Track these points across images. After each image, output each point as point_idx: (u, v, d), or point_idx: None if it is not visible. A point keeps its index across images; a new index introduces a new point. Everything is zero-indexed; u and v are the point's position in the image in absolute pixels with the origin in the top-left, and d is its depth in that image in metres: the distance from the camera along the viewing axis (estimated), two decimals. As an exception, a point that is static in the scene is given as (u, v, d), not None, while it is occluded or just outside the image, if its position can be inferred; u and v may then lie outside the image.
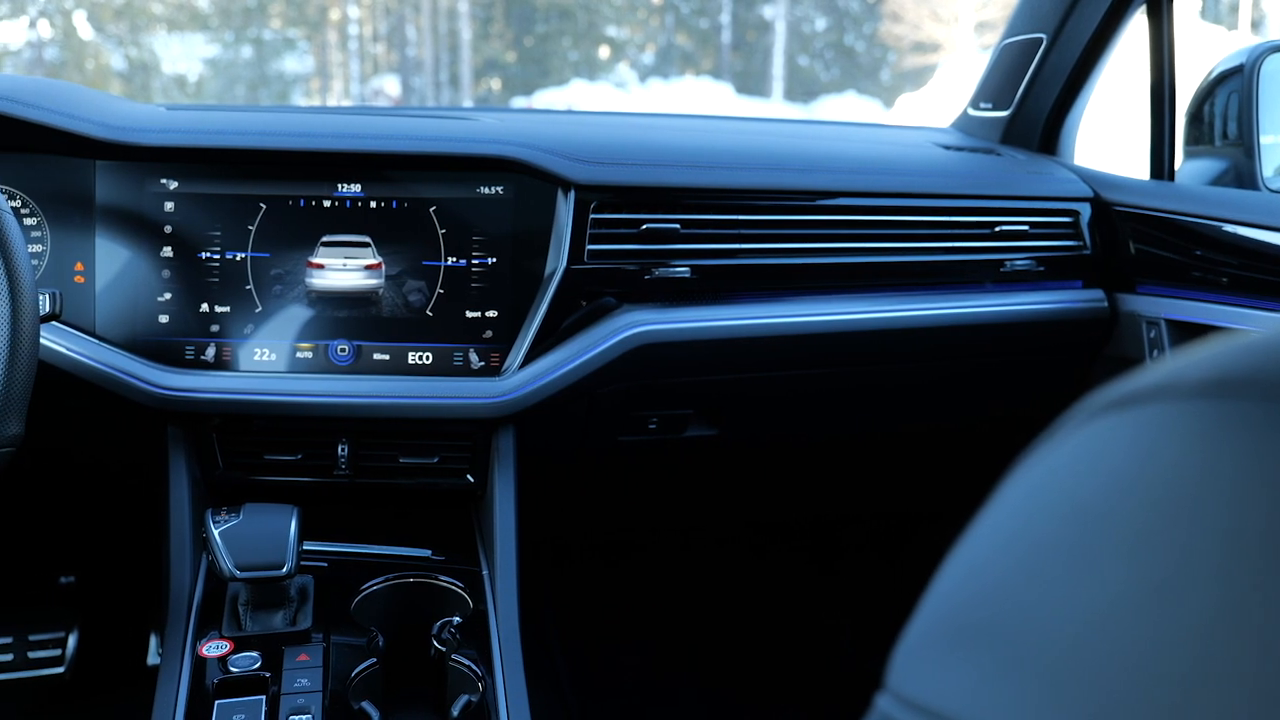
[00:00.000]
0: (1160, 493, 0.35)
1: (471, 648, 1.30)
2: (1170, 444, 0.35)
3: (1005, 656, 0.37)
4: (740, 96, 25.54)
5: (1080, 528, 0.37)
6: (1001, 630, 0.38)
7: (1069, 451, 0.41)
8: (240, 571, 1.23)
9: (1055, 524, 0.38)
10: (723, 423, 1.66)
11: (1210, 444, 0.34)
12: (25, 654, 2.04)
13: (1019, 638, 0.37)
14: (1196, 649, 0.30)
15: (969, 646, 0.39)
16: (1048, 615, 0.36)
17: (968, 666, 0.39)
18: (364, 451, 1.50)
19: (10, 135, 1.42)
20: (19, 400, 1.13)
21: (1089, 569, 0.35)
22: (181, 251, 1.46)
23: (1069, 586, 0.36)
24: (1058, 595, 0.36)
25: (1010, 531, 0.41)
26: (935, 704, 0.40)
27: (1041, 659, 0.35)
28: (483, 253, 1.48)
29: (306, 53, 30.86)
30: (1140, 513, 0.35)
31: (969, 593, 0.42)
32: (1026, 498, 0.42)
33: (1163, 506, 0.34)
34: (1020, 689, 0.36)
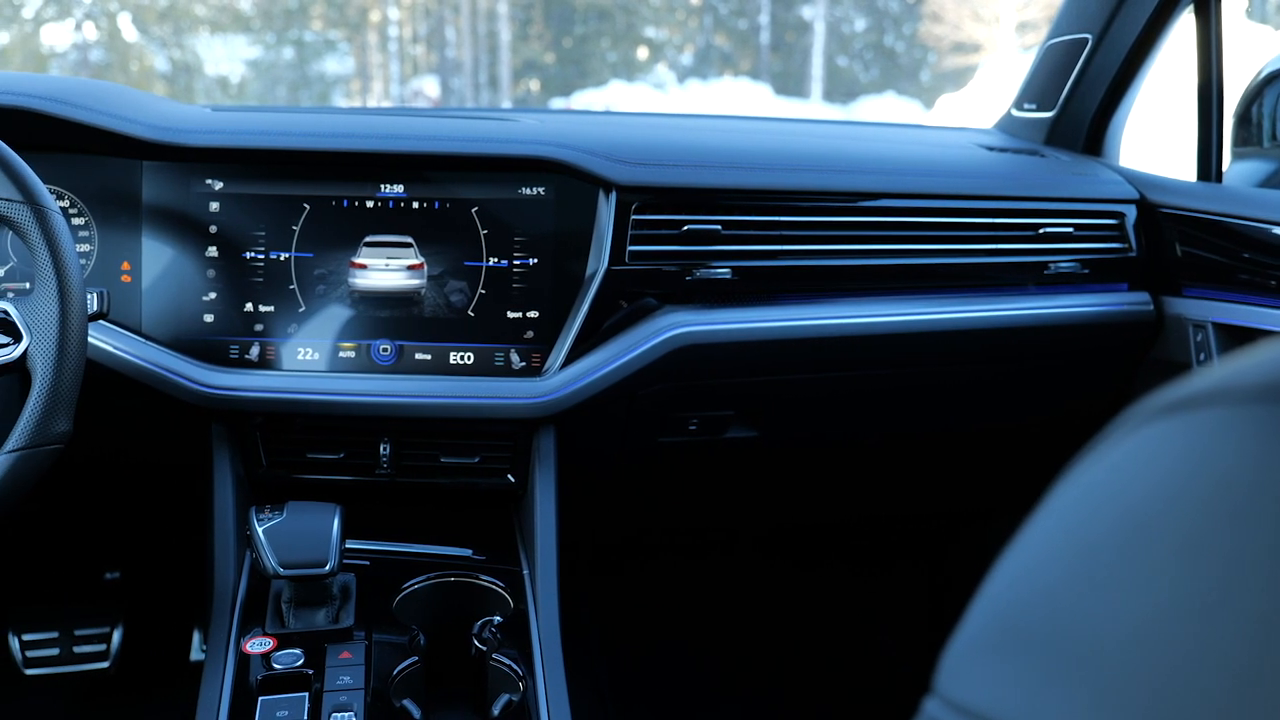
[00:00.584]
0: (1214, 498, 0.34)
1: (512, 647, 1.30)
2: (1224, 449, 0.35)
3: (1055, 661, 0.37)
4: (779, 97, 25.46)
5: (1133, 533, 0.37)
6: (1052, 635, 0.38)
7: (1122, 456, 0.40)
8: (284, 569, 1.24)
9: (1107, 529, 0.38)
10: (763, 424, 1.66)
11: (1265, 449, 0.34)
12: (71, 649, 2.07)
13: (1069, 643, 0.37)
14: (1247, 657, 0.30)
15: (1019, 651, 0.39)
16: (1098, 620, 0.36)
17: (1018, 671, 0.39)
18: (406, 451, 1.51)
19: (59, 136, 1.44)
20: (68, 398, 1.15)
21: (1140, 574, 0.35)
22: (226, 251, 1.47)
23: (1120, 592, 0.35)
24: (1108, 601, 0.36)
25: (1062, 536, 0.41)
26: (985, 708, 0.40)
27: (1091, 664, 0.35)
28: (524, 253, 1.48)
29: (347, 54, 31.05)
30: (1193, 518, 0.34)
31: (1019, 597, 0.42)
32: (1078, 502, 0.42)
33: (1216, 512, 0.34)
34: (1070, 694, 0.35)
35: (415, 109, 2.09)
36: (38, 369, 1.13)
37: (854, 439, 1.82)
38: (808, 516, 2.21)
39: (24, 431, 1.12)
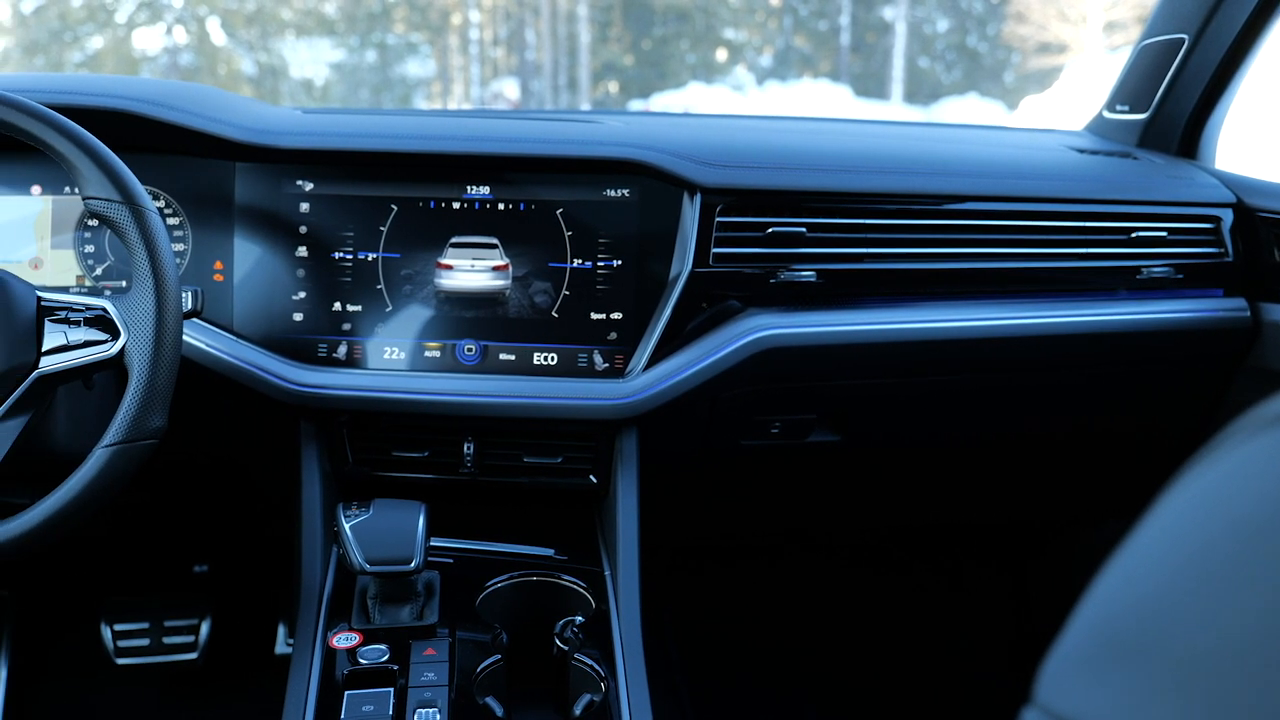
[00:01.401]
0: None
1: (593, 648, 1.30)
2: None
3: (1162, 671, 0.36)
4: (859, 99, 25.28)
5: (1244, 543, 0.36)
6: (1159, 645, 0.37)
7: (1232, 466, 0.40)
8: (370, 565, 1.26)
9: (1217, 539, 0.38)
10: (846, 429, 1.64)
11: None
12: (160, 640, 2.12)
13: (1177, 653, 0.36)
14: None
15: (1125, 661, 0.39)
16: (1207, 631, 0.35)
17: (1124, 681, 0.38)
18: (489, 450, 1.52)
19: (156, 138, 1.47)
20: (163, 394, 1.17)
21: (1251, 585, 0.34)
22: (316, 251, 1.50)
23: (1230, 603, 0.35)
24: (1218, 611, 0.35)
25: (1170, 546, 0.40)
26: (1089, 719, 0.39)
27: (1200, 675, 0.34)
28: (608, 255, 1.48)
29: (428, 57, 31.41)
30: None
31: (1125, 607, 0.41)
32: (1187, 512, 0.41)
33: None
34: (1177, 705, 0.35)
35: (501, 111, 2.11)
36: (134, 365, 1.16)
37: (937, 444, 1.80)
38: (889, 522, 2.20)
39: (121, 426, 1.15)
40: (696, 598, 2.27)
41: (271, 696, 1.59)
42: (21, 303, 1.18)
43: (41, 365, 1.18)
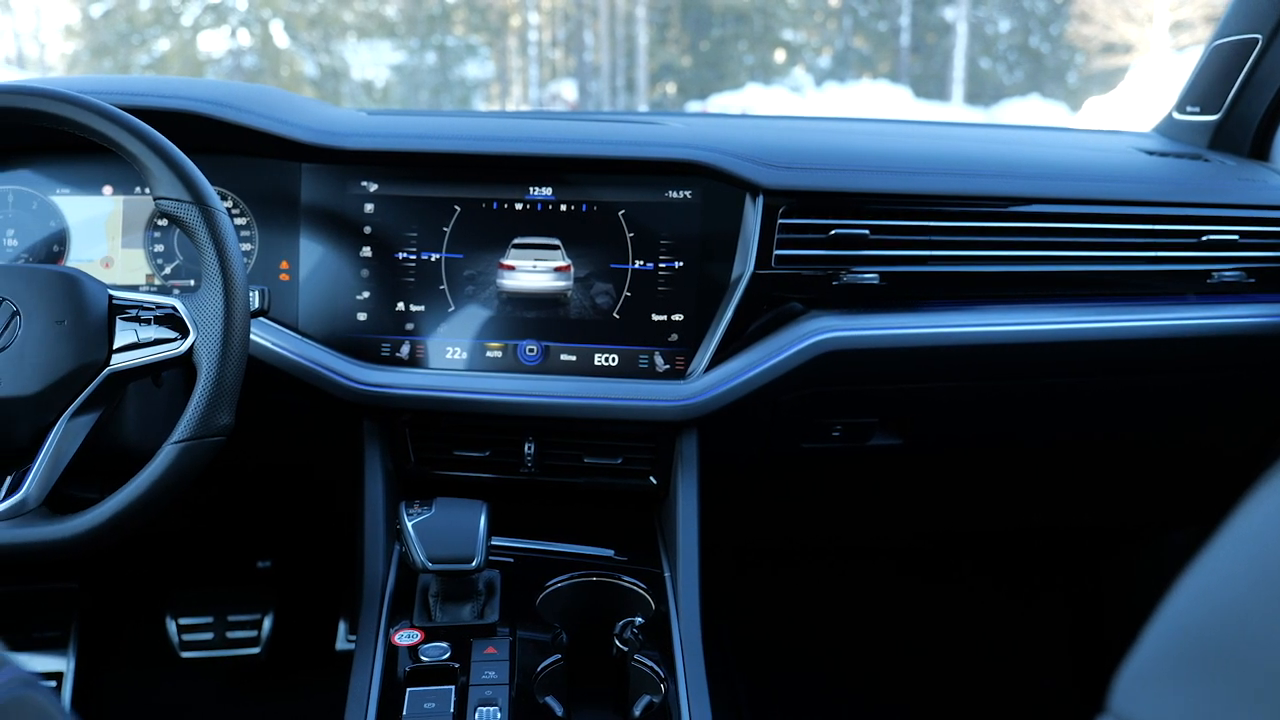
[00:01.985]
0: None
1: (653, 649, 1.30)
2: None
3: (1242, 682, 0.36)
4: (918, 100, 25.10)
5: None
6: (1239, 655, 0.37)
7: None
8: (432, 564, 1.27)
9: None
10: (908, 432, 1.63)
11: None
12: (224, 634, 2.15)
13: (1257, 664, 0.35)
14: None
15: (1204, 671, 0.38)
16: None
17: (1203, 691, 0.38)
18: (549, 450, 1.52)
19: (224, 139, 1.49)
20: (230, 392, 1.19)
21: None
22: (380, 251, 1.51)
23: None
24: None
25: (1250, 558, 0.40)
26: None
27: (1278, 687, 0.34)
28: (670, 256, 1.48)
29: (487, 58, 31.64)
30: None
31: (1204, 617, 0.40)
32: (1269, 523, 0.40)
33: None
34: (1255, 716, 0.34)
35: (561, 112, 2.12)
36: (203, 363, 1.18)
37: (1001, 449, 1.78)
38: (950, 527, 2.17)
39: (189, 423, 1.16)
40: (754, 601, 2.26)
41: (332, 692, 1.60)
42: (94, 301, 1.20)
43: (113, 363, 1.20)
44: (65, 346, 1.17)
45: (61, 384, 1.17)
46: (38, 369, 1.16)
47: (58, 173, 1.54)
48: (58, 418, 1.18)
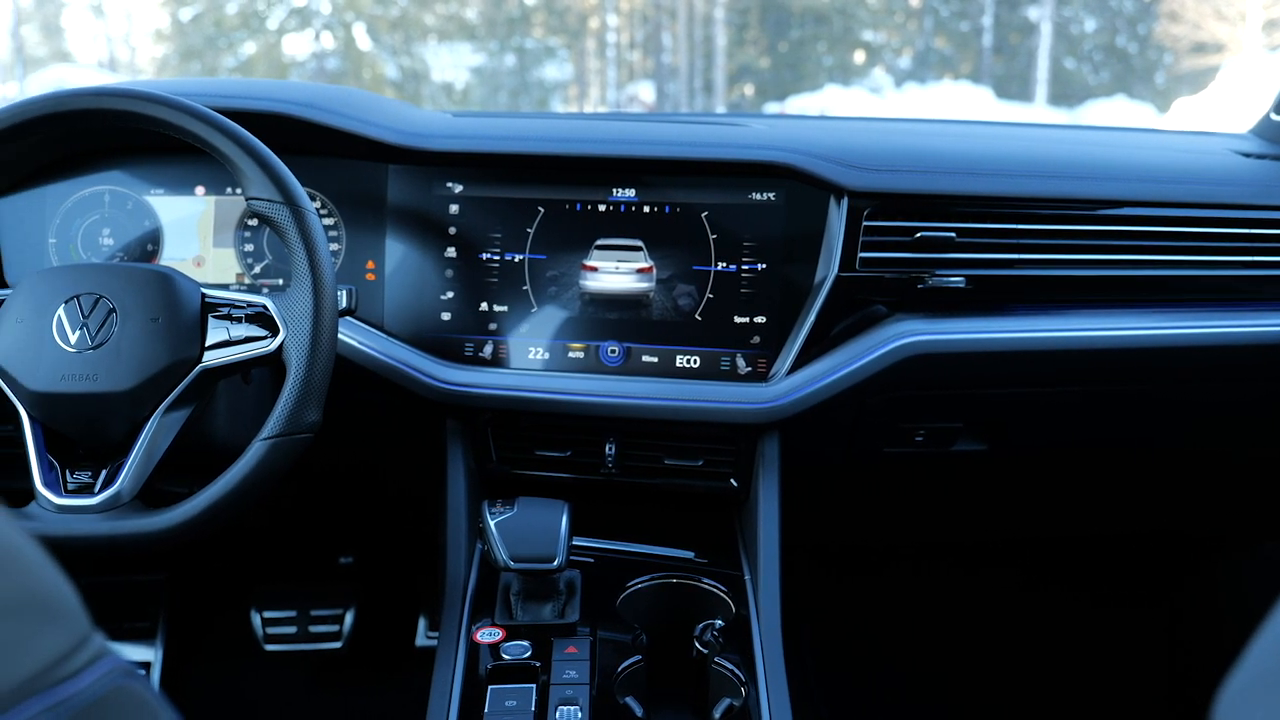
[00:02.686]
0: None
1: (733, 652, 1.30)
2: None
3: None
4: (1000, 101, 24.75)
5: None
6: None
7: None
8: (514, 562, 1.27)
9: None
10: (993, 438, 1.61)
11: None
12: (307, 628, 2.18)
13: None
14: None
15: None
16: None
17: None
18: (630, 451, 1.52)
19: (313, 140, 1.51)
20: (318, 390, 1.21)
21: None
22: (464, 252, 1.52)
23: None
24: None
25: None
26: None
27: None
28: (753, 258, 1.48)
29: (566, 60, 31.79)
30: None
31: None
32: None
33: None
34: None
35: (645, 114, 2.12)
36: (292, 361, 1.20)
37: (1087, 454, 1.75)
38: (1035, 533, 2.14)
39: (278, 420, 1.18)
40: (834, 605, 2.25)
41: (412, 687, 1.62)
42: (188, 299, 1.23)
43: (205, 360, 1.22)
44: (160, 343, 1.20)
45: (156, 380, 1.20)
46: (133, 365, 1.19)
47: (152, 173, 1.58)
48: (151, 413, 1.21)
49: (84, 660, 0.44)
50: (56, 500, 1.18)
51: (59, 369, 1.19)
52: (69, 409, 1.20)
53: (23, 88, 27.44)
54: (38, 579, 0.44)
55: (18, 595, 0.42)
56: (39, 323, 1.21)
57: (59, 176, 1.58)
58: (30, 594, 0.43)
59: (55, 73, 26.69)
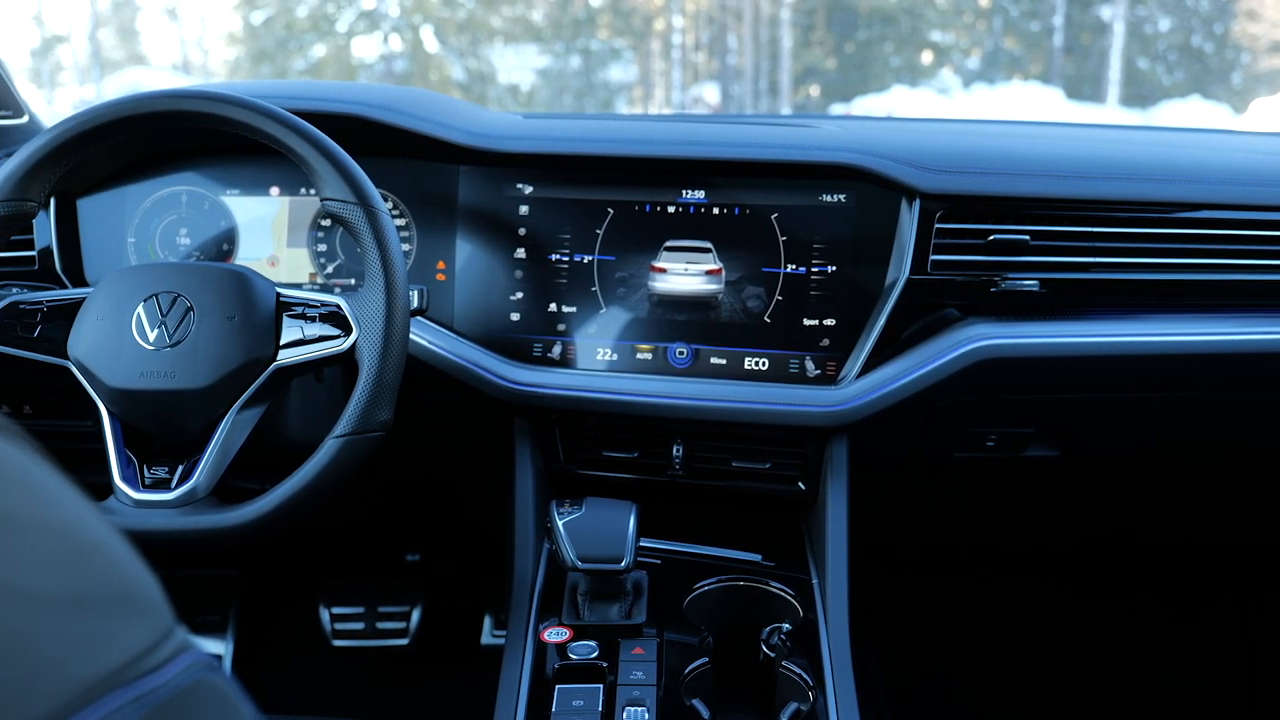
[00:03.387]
0: None
1: (801, 656, 1.29)
2: None
3: None
4: (1070, 102, 24.37)
5: None
6: None
7: None
8: (582, 562, 1.27)
9: None
10: (1066, 443, 1.58)
11: None
12: (374, 625, 2.20)
13: None
14: None
15: None
16: None
17: None
18: (697, 453, 1.52)
19: (386, 141, 1.53)
20: (390, 389, 1.22)
21: None
22: (533, 253, 1.53)
23: None
24: None
25: None
26: None
27: None
28: (822, 260, 1.47)
29: (631, 62, 31.82)
30: None
31: None
32: None
33: None
34: None
35: (713, 115, 2.12)
36: (365, 360, 1.21)
37: (1165, 462, 1.71)
38: (1107, 541, 2.10)
39: (351, 418, 1.19)
40: (900, 613, 2.22)
41: (477, 685, 1.63)
42: (263, 298, 1.25)
43: (279, 358, 1.24)
44: (235, 342, 1.22)
45: (231, 378, 1.21)
46: (210, 363, 1.21)
47: (228, 174, 1.60)
48: (227, 410, 1.22)
49: (167, 654, 0.44)
50: (134, 495, 1.21)
51: (138, 366, 1.21)
52: (147, 406, 1.22)
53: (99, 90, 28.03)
54: (124, 573, 0.45)
55: (105, 589, 0.43)
56: (119, 320, 1.23)
57: (138, 177, 1.61)
58: (117, 587, 0.44)
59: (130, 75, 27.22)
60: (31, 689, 0.36)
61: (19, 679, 0.36)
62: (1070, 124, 2.13)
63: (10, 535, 0.39)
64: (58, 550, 0.41)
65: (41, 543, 0.40)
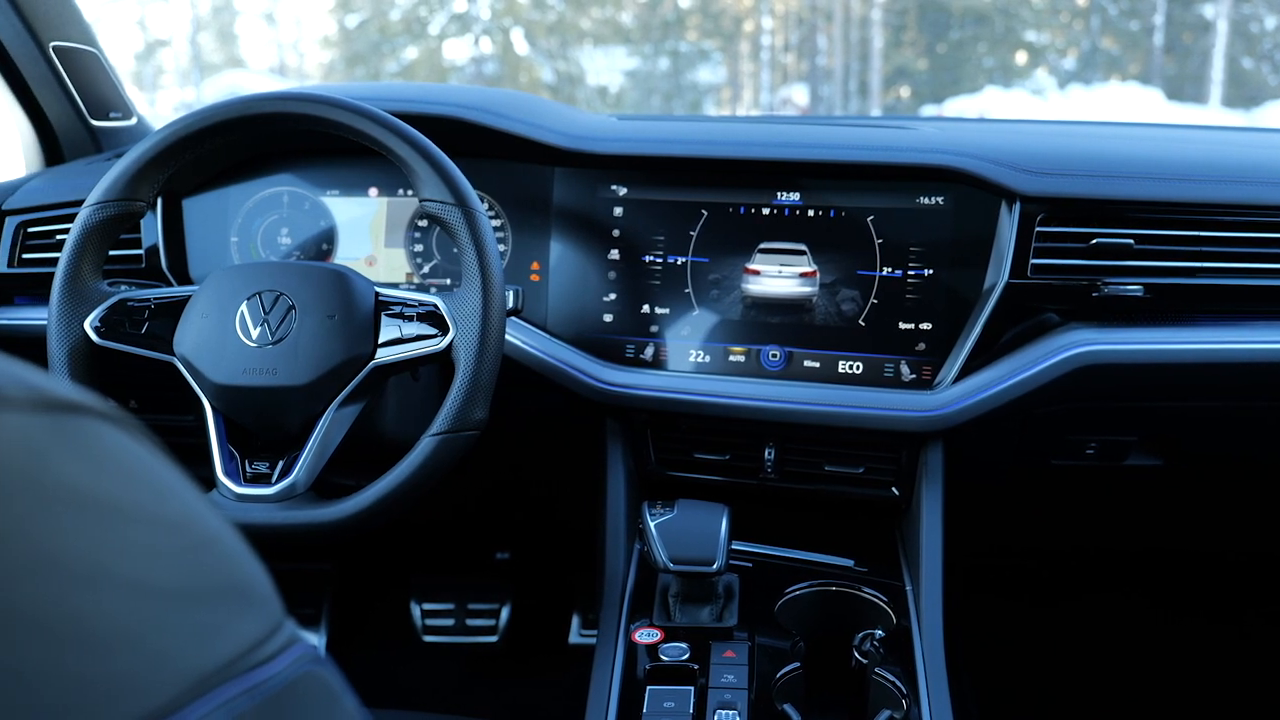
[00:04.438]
0: None
1: (894, 663, 1.27)
2: None
3: None
4: (1170, 103, 23.79)
5: None
6: None
7: None
8: (674, 564, 1.27)
9: None
10: (1169, 452, 1.54)
11: None
12: (464, 621, 2.23)
13: None
14: None
15: None
16: None
17: None
18: (789, 456, 1.51)
19: (484, 143, 1.54)
20: (486, 388, 1.23)
21: None
22: (627, 254, 1.53)
23: None
24: None
25: None
26: None
27: None
28: (919, 263, 1.45)
29: (719, 63, 31.77)
30: None
31: None
32: None
33: None
34: None
35: (807, 117, 2.10)
36: (461, 359, 1.22)
37: (1273, 473, 1.66)
38: (1211, 556, 2.04)
39: (447, 417, 1.21)
40: (991, 627, 2.18)
41: (565, 683, 1.63)
42: (362, 298, 1.26)
43: (378, 356, 1.25)
44: (336, 340, 1.23)
45: (331, 375, 1.23)
46: (310, 360, 1.23)
47: (328, 175, 1.63)
48: (326, 407, 1.24)
49: (277, 646, 0.45)
50: (236, 489, 1.23)
51: (241, 363, 1.24)
52: (249, 402, 1.25)
53: (199, 92, 28.73)
54: (237, 566, 0.45)
55: (219, 582, 0.43)
56: (223, 318, 1.26)
57: (241, 178, 1.64)
58: (230, 580, 0.44)
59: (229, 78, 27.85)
60: (149, 679, 0.37)
61: (137, 669, 0.37)
62: (1172, 125, 2.08)
63: (132, 528, 0.39)
64: (175, 543, 0.41)
65: (160, 536, 0.41)
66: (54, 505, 0.36)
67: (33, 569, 0.34)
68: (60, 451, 0.38)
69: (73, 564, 0.36)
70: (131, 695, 0.36)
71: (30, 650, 0.33)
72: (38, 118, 1.92)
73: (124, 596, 0.38)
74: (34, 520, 0.35)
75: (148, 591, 0.39)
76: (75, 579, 0.36)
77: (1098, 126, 1.95)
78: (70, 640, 0.35)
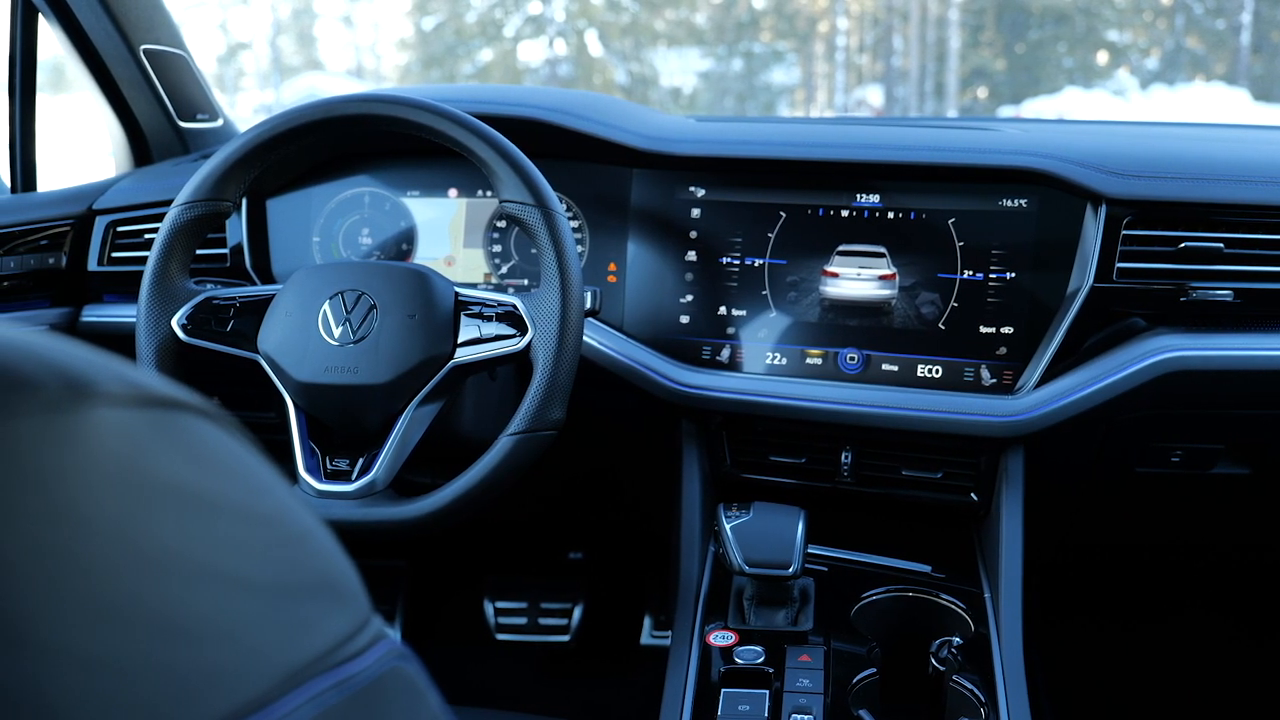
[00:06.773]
0: None
1: (972, 671, 1.26)
2: None
3: None
4: (1257, 103, 23.22)
5: None
6: None
7: None
8: (749, 567, 1.27)
9: None
10: (1259, 462, 1.50)
11: None
12: (537, 621, 2.24)
13: None
14: None
15: None
16: None
17: None
18: (867, 461, 1.50)
19: (562, 145, 1.55)
20: (563, 388, 1.23)
21: None
22: (704, 256, 1.53)
23: None
24: None
25: None
26: None
27: None
28: (1001, 267, 1.43)
29: (794, 65, 31.60)
30: None
31: None
32: None
33: None
34: None
35: (886, 118, 2.09)
36: (539, 360, 1.22)
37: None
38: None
39: (525, 416, 1.21)
40: (1067, 637, 2.14)
41: (637, 684, 1.63)
42: (442, 298, 1.27)
43: (457, 356, 1.26)
44: (416, 339, 1.25)
45: (411, 374, 1.25)
46: (391, 359, 1.24)
47: (408, 176, 1.65)
48: (406, 405, 1.26)
49: (365, 641, 0.45)
50: (317, 485, 1.25)
51: (323, 361, 1.26)
52: (331, 399, 1.27)
53: (279, 94, 29.21)
54: (327, 561, 0.46)
55: (311, 577, 0.44)
56: (305, 317, 1.28)
57: (324, 179, 1.67)
58: (321, 576, 0.45)
59: (307, 81, 28.27)
60: (241, 672, 0.38)
61: (230, 663, 0.37)
62: (1259, 126, 2.03)
63: (228, 523, 0.40)
64: (269, 538, 0.42)
65: (255, 530, 0.41)
66: (152, 500, 0.37)
67: (131, 562, 0.35)
68: (159, 446, 0.38)
69: (170, 558, 0.36)
70: (224, 688, 0.37)
71: (126, 642, 0.34)
72: (128, 119, 1.96)
73: (219, 590, 0.38)
74: (133, 514, 0.36)
75: (242, 586, 0.39)
76: (172, 573, 0.36)
77: (1182, 128, 1.91)
78: (165, 633, 0.35)
